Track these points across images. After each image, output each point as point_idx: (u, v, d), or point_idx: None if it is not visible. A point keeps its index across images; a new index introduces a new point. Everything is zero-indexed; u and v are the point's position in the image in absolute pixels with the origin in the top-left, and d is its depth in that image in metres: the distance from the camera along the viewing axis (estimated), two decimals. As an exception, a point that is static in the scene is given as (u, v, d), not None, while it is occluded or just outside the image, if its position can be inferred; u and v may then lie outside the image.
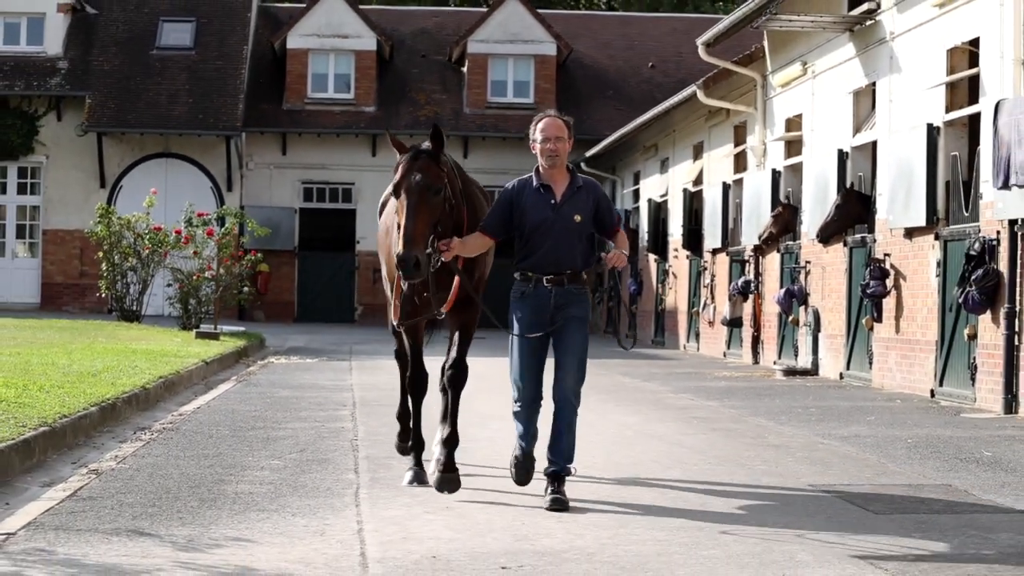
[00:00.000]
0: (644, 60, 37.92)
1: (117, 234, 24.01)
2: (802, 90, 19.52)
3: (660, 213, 28.05)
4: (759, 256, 21.38)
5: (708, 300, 24.03)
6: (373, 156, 35.25)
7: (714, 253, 23.90)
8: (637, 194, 30.80)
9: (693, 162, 25.81)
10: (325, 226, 35.60)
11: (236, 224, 25.40)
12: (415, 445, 8.18)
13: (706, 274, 24.30)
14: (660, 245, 27.91)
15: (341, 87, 35.95)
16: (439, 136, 7.54)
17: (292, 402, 13.08)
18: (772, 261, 20.79)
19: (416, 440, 8.19)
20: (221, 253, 23.52)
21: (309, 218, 35.72)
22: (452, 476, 7.52)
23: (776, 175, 20.41)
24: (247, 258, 24.63)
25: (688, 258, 25.72)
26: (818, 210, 18.22)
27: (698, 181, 25.34)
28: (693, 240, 25.15)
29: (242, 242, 29.19)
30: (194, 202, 26.79)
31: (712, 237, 23.72)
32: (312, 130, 35.43)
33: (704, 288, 24.33)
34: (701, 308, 24.44)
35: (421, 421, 8.22)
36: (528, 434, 7.56)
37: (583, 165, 31.82)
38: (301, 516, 6.88)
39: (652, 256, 28.68)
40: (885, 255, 16.11)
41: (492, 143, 35.31)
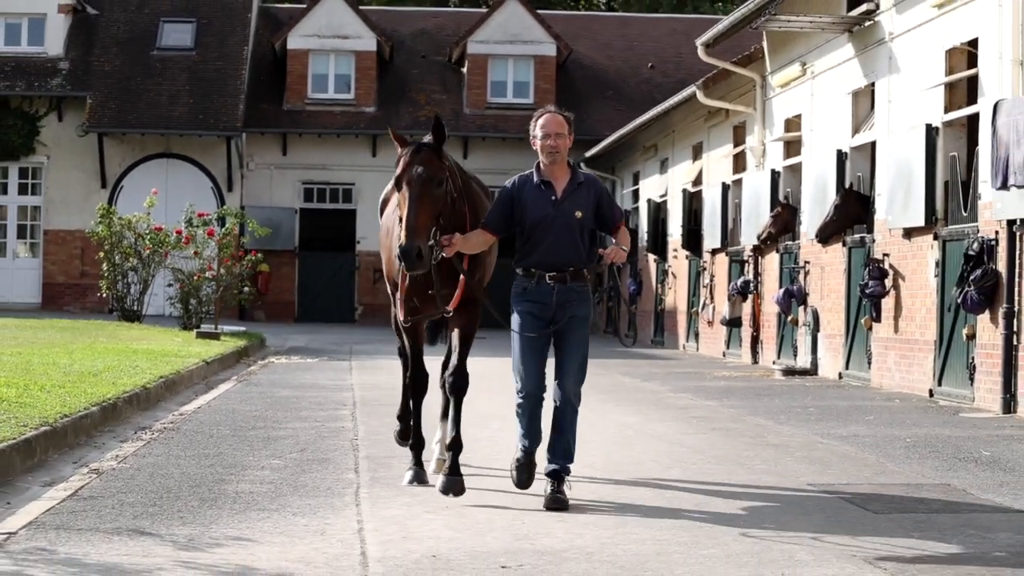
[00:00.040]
0: (644, 61, 37.94)
1: (118, 234, 24.03)
2: (801, 90, 19.53)
3: (659, 213, 28.06)
4: (758, 256, 21.39)
5: (707, 300, 24.04)
6: (373, 156, 35.25)
7: (713, 253, 23.91)
8: (637, 194, 30.81)
9: (692, 162, 25.82)
10: (325, 226, 35.62)
11: (237, 224, 25.43)
12: (415, 444, 8.18)
13: (705, 274, 24.32)
14: (659, 245, 27.93)
15: (341, 87, 35.96)
16: (441, 129, 7.49)
17: (292, 402, 13.09)
18: (771, 261, 20.81)
19: (416, 439, 8.19)
20: (222, 253, 23.54)
21: (309, 218, 35.74)
22: (458, 479, 7.47)
23: (775, 175, 20.43)
24: (248, 258, 24.65)
25: (687, 258, 25.73)
26: (817, 210, 18.23)
27: (697, 181, 25.35)
28: (692, 240, 25.17)
29: (243, 242, 29.20)
30: (195, 202, 26.79)
31: (711, 237, 23.74)
32: (312, 130, 35.44)
33: (703, 288, 24.34)
34: (700, 308, 24.45)
35: (421, 420, 8.24)
36: (530, 433, 7.48)
37: (583, 165, 31.76)
38: (301, 515, 6.90)
39: (652, 256, 28.69)
40: (884, 255, 16.13)
41: (492, 143, 35.31)
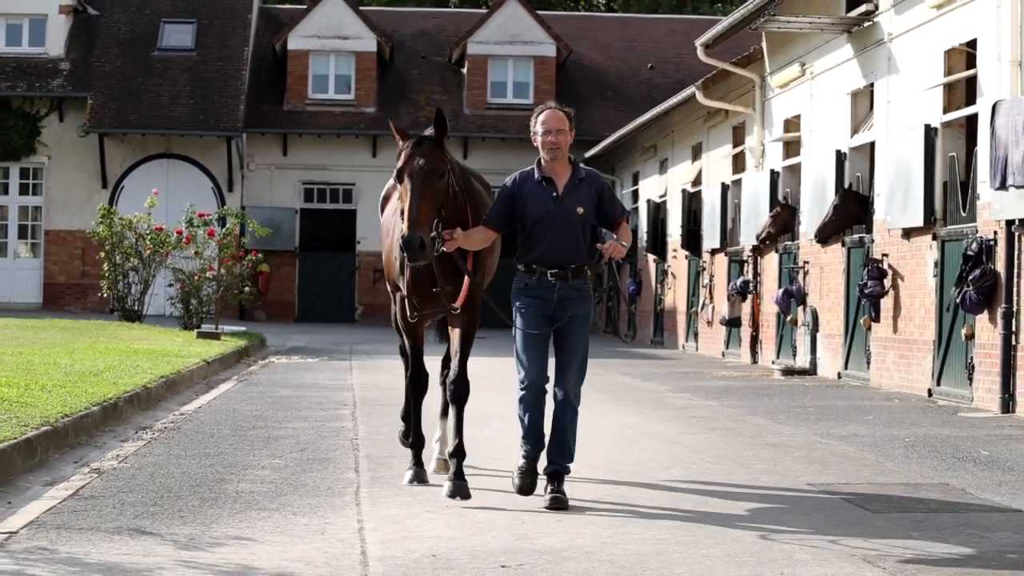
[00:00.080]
0: (643, 61, 37.95)
1: (119, 234, 24.05)
2: (800, 91, 19.55)
3: (659, 213, 28.08)
4: (757, 256, 21.41)
5: (707, 300, 24.05)
6: (373, 157, 35.26)
7: (713, 253, 23.93)
8: (636, 195, 30.83)
9: (692, 163, 25.83)
10: (326, 226, 35.64)
11: (237, 224, 25.45)
12: (415, 443, 8.19)
13: (705, 274, 24.33)
14: (659, 245, 27.94)
15: (341, 88, 35.98)
16: (442, 122, 7.43)
17: (293, 401, 13.11)
18: (770, 261, 20.82)
19: (416, 437, 8.21)
20: (222, 253, 23.55)
21: (310, 218, 35.76)
22: (464, 484, 7.44)
23: (774, 176, 20.44)
24: (248, 258, 24.68)
25: (687, 258, 25.75)
26: (816, 210, 18.25)
27: (697, 182, 25.37)
28: (692, 240, 25.18)
29: (243, 242, 29.22)
30: (195, 203, 26.80)
31: (711, 237, 23.76)
32: (313, 131, 35.46)
33: (703, 288, 24.36)
34: (700, 308, 24.47)
35: (421, 419, 8.26)
36: (531, 434, 7.41)
37: (582, 166, 31.78)
38: (302, 515, 6.91)
39: (651, 256, 28.71)
40: (883, 255, 16.14)
41: (492, 144, 35.32)
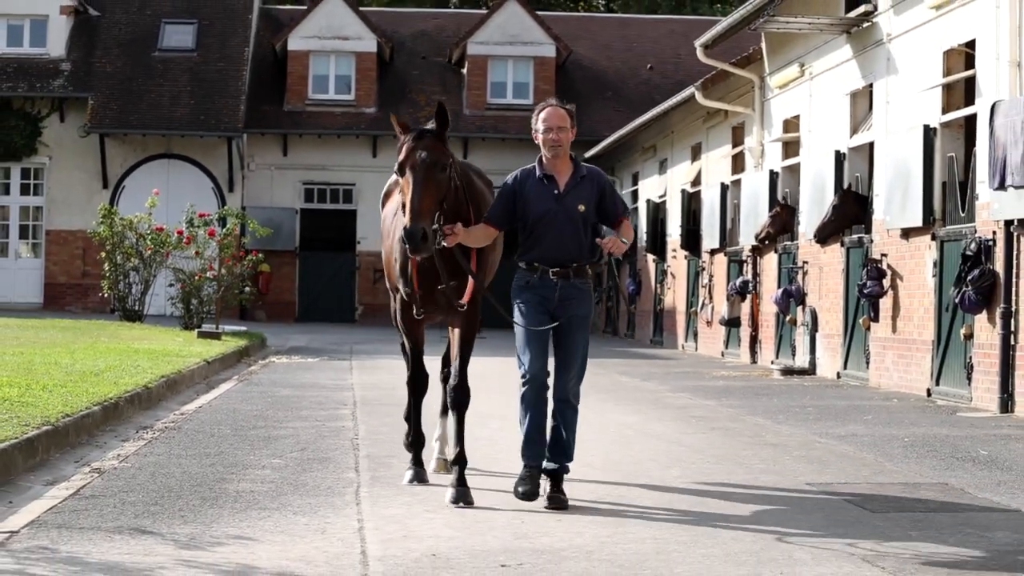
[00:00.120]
0: (643, 62, 37.95)
1: (119, 234, 24.05)
2: (800, 91, 19.57)
3: (659, 214, 28.10)
4: (757, 256, 21.43)
5: (706, 300, 24.06)
6: (374, 157, 35.26)
7: (712, 253, 23.95)
8: (636, 195, 30.83)
9: (691, 163, 25.85)
10: (326, 226, 35.65)
11: (237, 224, 25.46)
12: (415, 442, 8.21)
13: (704, 274, 24.35)
14: (659, 245, 27.96)
15: (342, 88, 35.99)
16: (444, 115, 7.39)
17: (293, 401, 13.12)
18: (770, 261, 20.84)
19: (416, 436, 8.22)
20: (223, 253, 23.56)
21: (310, 219, 35.77)
22: (467, 490, 7.40)
23: (774, 176, 20.46)
24: (248, 258, 24.69)
25: (686, 258, 25.76)
26: (815, 211, 18.27)
27: (696, 182, 25.38)
28: (691, 240, 25.20)
29: (243, 242, 29.23)
30: (196, 203, 26.80)
31: (710, 237, 23.77)
32: (313, 131, 35.47)
33: (702, 288, 24.37)
34: (699, 308, 24.48)
35: (421, 419, 8.28)
36: (534, 434, 7.33)
37: (583, 163, 31.78)
38: (302, 514, 6.92)
39: (651, 256, 28.72)
40: (882, 255, 16.16)
41: (492, 144, 35.31)
